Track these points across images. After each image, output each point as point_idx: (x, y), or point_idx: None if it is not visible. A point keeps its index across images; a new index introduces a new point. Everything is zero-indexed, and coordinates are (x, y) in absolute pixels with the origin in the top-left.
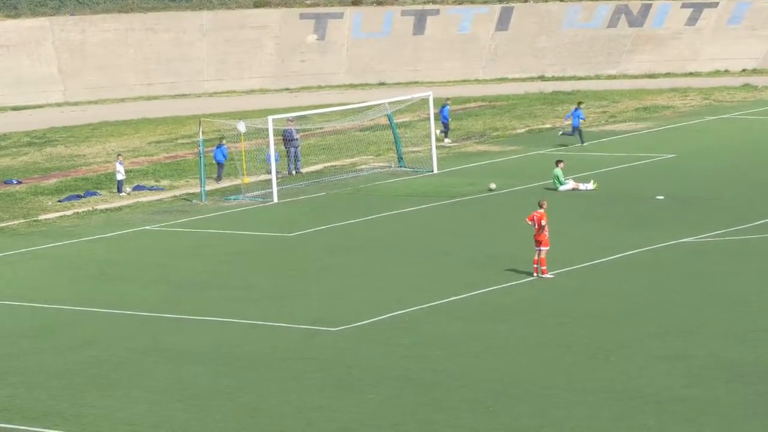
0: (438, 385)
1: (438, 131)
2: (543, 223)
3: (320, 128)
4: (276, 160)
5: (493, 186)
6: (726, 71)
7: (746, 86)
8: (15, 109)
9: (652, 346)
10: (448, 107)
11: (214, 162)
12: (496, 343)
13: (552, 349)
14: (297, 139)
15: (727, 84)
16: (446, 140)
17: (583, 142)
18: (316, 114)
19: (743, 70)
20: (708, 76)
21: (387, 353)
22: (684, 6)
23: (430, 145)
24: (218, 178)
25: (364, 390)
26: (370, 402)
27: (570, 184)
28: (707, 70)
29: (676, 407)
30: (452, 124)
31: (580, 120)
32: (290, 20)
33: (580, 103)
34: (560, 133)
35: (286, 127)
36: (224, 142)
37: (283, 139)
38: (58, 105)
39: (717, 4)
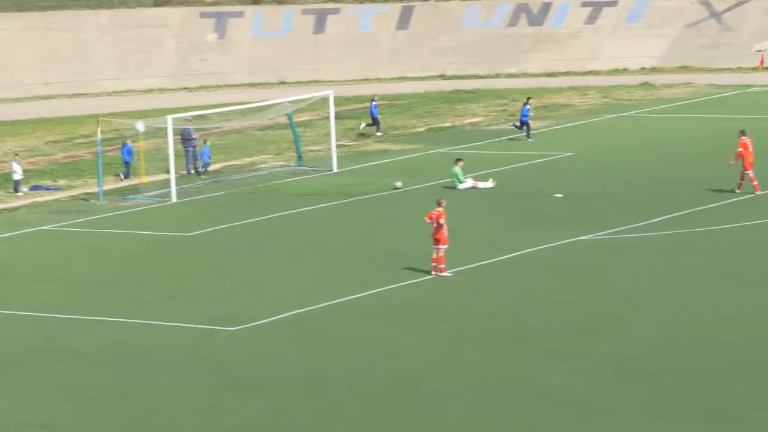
0: (335, 384)
1: (364, 125)
2: (441, 221)
3: (219, 127)
4: (206, 159)
5: (399, 184)
6: (625, 70)
7: (645, 84)
8: None
9: (549, 343)
10: (374, 103)
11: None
12: (393, 342)
13: (449, 348)
14: (195, 139)
15: (626, 82)
16: (365, 128)
17: (513, 127)
18: (216, 113)
19: (642, 69)
20: (607, 75)
21: (284, 353)
22: (584, 5)
23: (330, 144)
24: (125, 176)
25: (261, 389)
26: (267, 401)
27: (469, 183)
28: (606, 68)
29: (572, 404)
30: (352, 123)
31: (529, 115)
32: (190, 19)
33: (529, 98)
34: (510, 123)
35: (184, 126)
36: (129, 141)
37: (182, 139)
38: None
39: (616, 3)
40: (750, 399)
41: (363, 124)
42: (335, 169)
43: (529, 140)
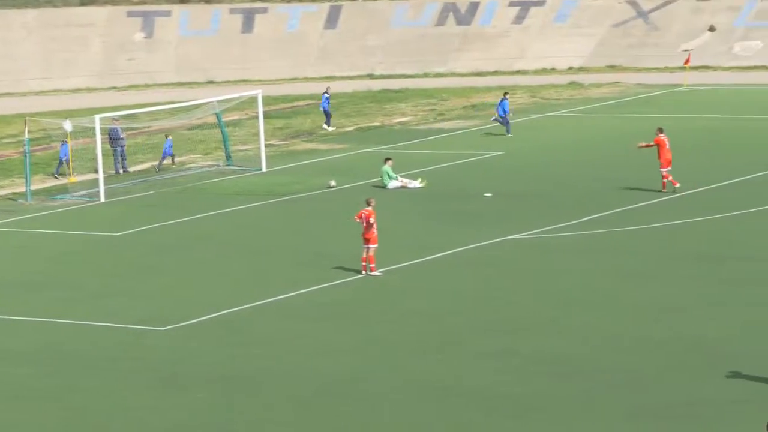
0: (266, 384)
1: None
2: (371, 220)
3: (147, 127)
4: (168, 152)
5: (333, 183)
6: (553, 69)
7: (573, 84)
8: None
9: (479, 343)
10: (326, 95)
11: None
12: (323, 342)
13: (380, 347)
14: (123, 138)
15: (554, 82)
16: (329, 128)
17: (508, 133)
18: (144, 112)
19: (570, 68)
20: (535, 74)
21: (215, 352)
22: (511, 4)
23: (259, 144)
24: (56, 174)
25: (192, 389)
26: (198, 401)
27: (398, 182)
28: (534, 68)
29: (503, 403)
30: (280, 122)
31: (506, 112)
32: (117, 18)
33: (506, 93)
34: (492, 118)
35: (112, 126)
36: (67, 140)
37: (109, 139)
38: None
39: (544, 2)
40: (681, 397)
41: (328, 127)
42: (264, 169)
43: (509, 135)
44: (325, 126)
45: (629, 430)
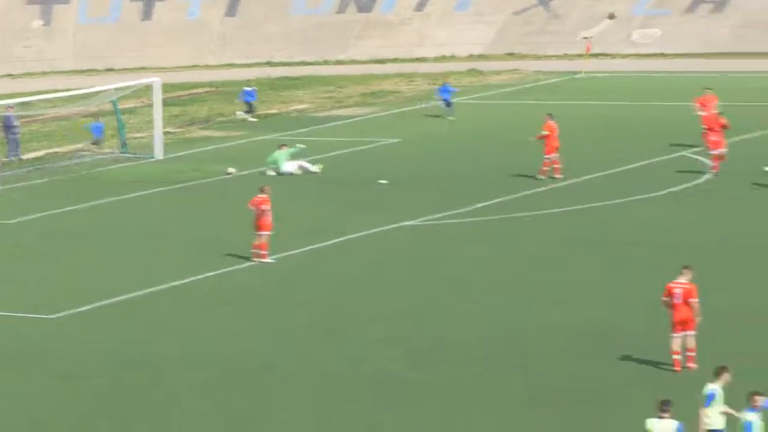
0: (162, 370)
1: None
2: (263, 207)
3: (42, 114)
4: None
5: (231, 170)
6: (453, 56)
7: (472, 71)
8: None
9: (374, 329)
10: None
11: None
12: (218, 328)
13: (274, 334)
14: (17, 126)
15: (454, 69)
16: (244, 115)
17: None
18: (40, 100)
19: (470, 56)
20: (435, 62)
21: (108, 339)
22: None
23: (153, 131)
24: None
25: (88, 377)
26: (95, 389)
27: (295, 163)
28: (434, 55)
29: (399, 390)
30: (176, 110)
31: (451, 93)
32: (15, 5)
33: (445, 78)
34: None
35: (5, 114)
36: None
37: (3, 126)
38: None
39: None
40: (574, 382)
41: (245, 115)
42: (160, 156)
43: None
44: (244, 114)
45: (525, 415)
